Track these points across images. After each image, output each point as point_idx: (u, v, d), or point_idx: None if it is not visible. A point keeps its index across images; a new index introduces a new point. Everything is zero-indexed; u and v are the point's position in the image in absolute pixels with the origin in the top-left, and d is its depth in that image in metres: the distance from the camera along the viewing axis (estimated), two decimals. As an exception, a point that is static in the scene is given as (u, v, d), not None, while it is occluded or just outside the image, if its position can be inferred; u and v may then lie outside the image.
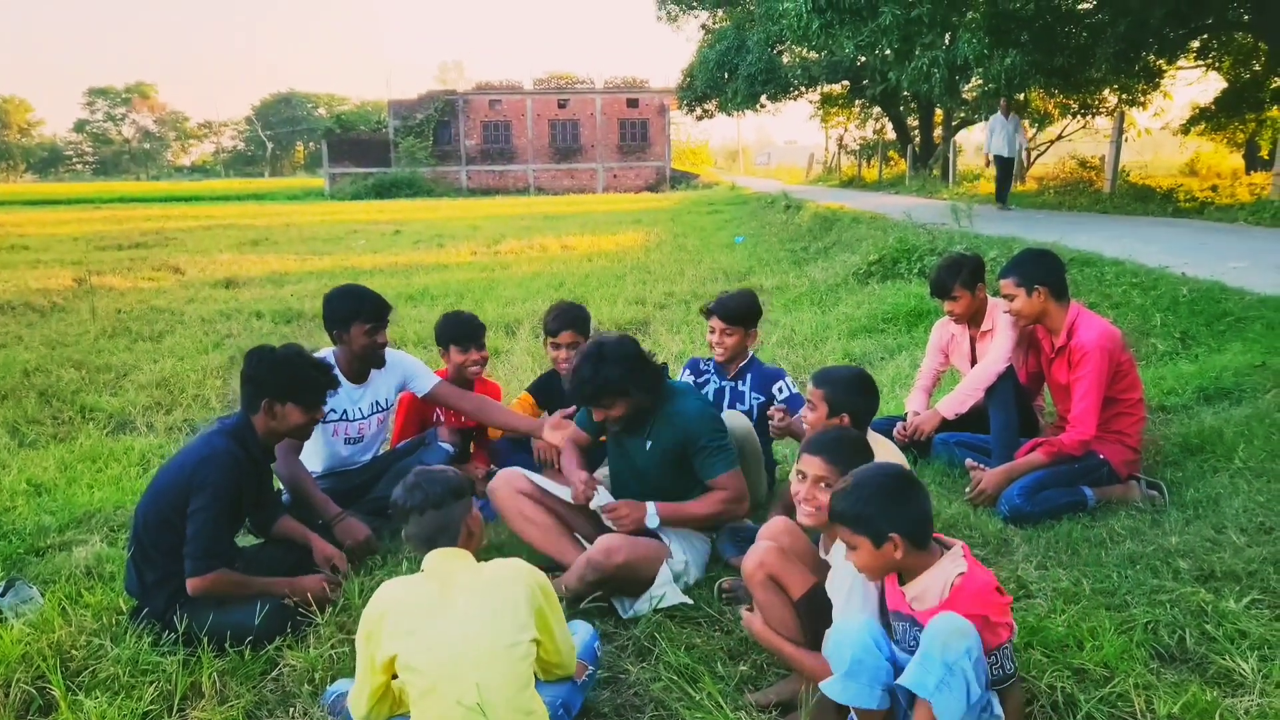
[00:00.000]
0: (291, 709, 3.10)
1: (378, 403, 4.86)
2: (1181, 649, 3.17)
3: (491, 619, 2.58)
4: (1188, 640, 3.18)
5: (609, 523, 3.86)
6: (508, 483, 4.05)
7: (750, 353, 4.96)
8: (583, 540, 3.93)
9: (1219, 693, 2.88)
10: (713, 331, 4.83)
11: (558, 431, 4.63)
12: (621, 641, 3.53)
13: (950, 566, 2.58)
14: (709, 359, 5.05)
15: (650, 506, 3.84)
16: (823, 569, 3.06)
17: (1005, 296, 4.77)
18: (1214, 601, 3.36)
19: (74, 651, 3.37)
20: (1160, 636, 3.21)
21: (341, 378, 4.65)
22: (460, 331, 5.12)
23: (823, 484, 3.03)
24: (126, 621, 3.54)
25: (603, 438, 4.28)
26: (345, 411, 4.74)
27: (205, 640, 3.32)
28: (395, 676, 2.63)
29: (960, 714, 2.35)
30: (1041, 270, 4.68)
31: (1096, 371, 4.45)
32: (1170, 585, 3.52)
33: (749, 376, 4.89)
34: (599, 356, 3.77)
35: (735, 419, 4.46)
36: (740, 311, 4.78)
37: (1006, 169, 18.40)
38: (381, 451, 5.12)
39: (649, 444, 3.92)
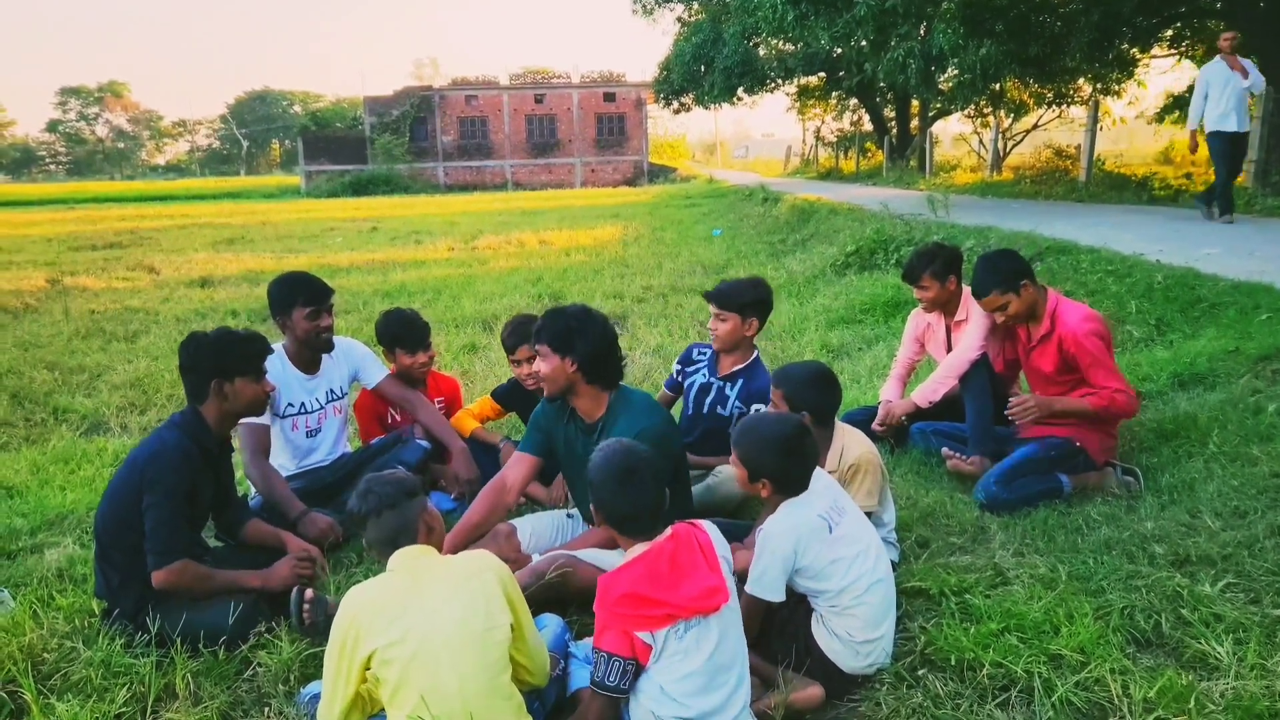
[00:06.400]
0: (267, 709, 3.07)
1: (332, 391, 4.86)
2: (1157, 633, 3.19)
3: (466, 606, 2.58)
4: (1163, 625, 3.20)
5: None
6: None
7: (754, 355, 4.80)
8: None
9: (1194, 676, 2.90)
10: (712, 316, 4.77)
11: (467, 467, 4.78)
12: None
13: (624, 557, 2.83)
14: (706, 345, 4.99)
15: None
16: None
17: None
18: (1189, 586, 3.38)
19: (46, 655, 3.33)
20: (1136, 621, 3.23)
21: (294, 369, 4.67)
22: (406, 335, 5.10)
23: None
24: (98, 624, 3.51)
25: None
26: (303, 404, 4.73)
27: (178, 641, 3.29)
28: (365, 681, 2.60)
29: None
30: (981, 276, 4.73)
31: (1098, 351, 4.47)
32: (1146, 570, 3.54)
33: (741, 383, 4.72)
34: (567, 308, 3.74)
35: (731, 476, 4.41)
36: (732, 297, 4.66)
37: (1236, 151, 11.30)
38: (349, 447, 5.10)
39: None
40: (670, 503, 2.93)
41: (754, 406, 4.61)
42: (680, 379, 4.98)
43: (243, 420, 4.00)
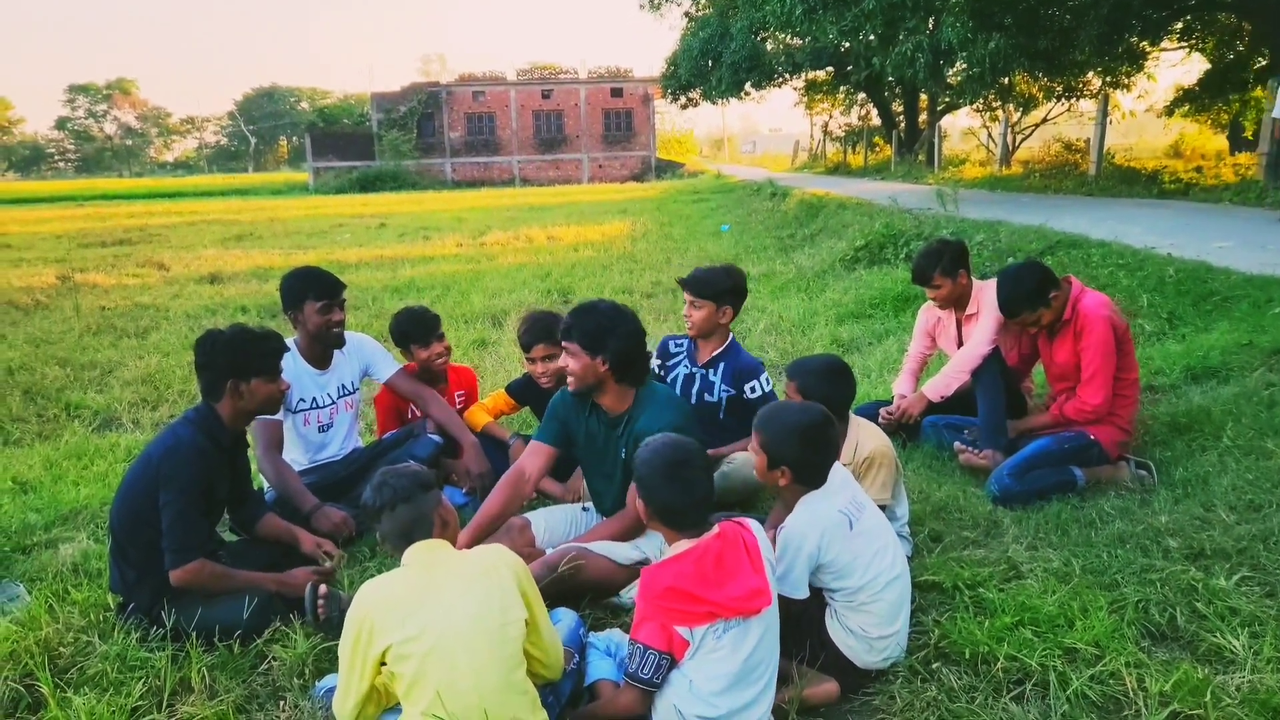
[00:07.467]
0: (282, 703, 3.08)
1: (343, 386, 4.86)
2: (1172, 627, 3.18)
3: (481, 601, 2.58)
4: (1178, 618, 3.19)
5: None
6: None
7: (730, 338, 4.75)
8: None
9: (1210, 670, 2.89)
10: (686, 304, 4.72)
11: (478, 461, 4.76)
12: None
13: (668, 551, 2.82)
14: (681, 337, 4.93)
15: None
16: None
17: None
18: (1204, 579, 3.37)
19: (61, 649, 3.34)
20: (1151, 615, 3.22)
21: (306, 364, 4.67)
22: (415, 329, 5.12)
23: None
24: (114, 618, 3.52)
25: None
26: (314, 399, 4.74)
27: (193, 635, 3.30)
28: (380, 675, 2.61)
29: None
30: (1009, 299, 4.68)
31: (1101, 340, 4.46)
32: (1160, 564, 3.53)
33: (722, 366, 4.68)
34: (598, 305, 3.72)
35: (746, 462, 4.29)
36: (707, 284, 4.61)
37: None
38: (360, 441, 5.11)
39: (623, 452, 3.76)
40: None
41: (746, 385, 4.61)
42: (662, 374, 4.90)
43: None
